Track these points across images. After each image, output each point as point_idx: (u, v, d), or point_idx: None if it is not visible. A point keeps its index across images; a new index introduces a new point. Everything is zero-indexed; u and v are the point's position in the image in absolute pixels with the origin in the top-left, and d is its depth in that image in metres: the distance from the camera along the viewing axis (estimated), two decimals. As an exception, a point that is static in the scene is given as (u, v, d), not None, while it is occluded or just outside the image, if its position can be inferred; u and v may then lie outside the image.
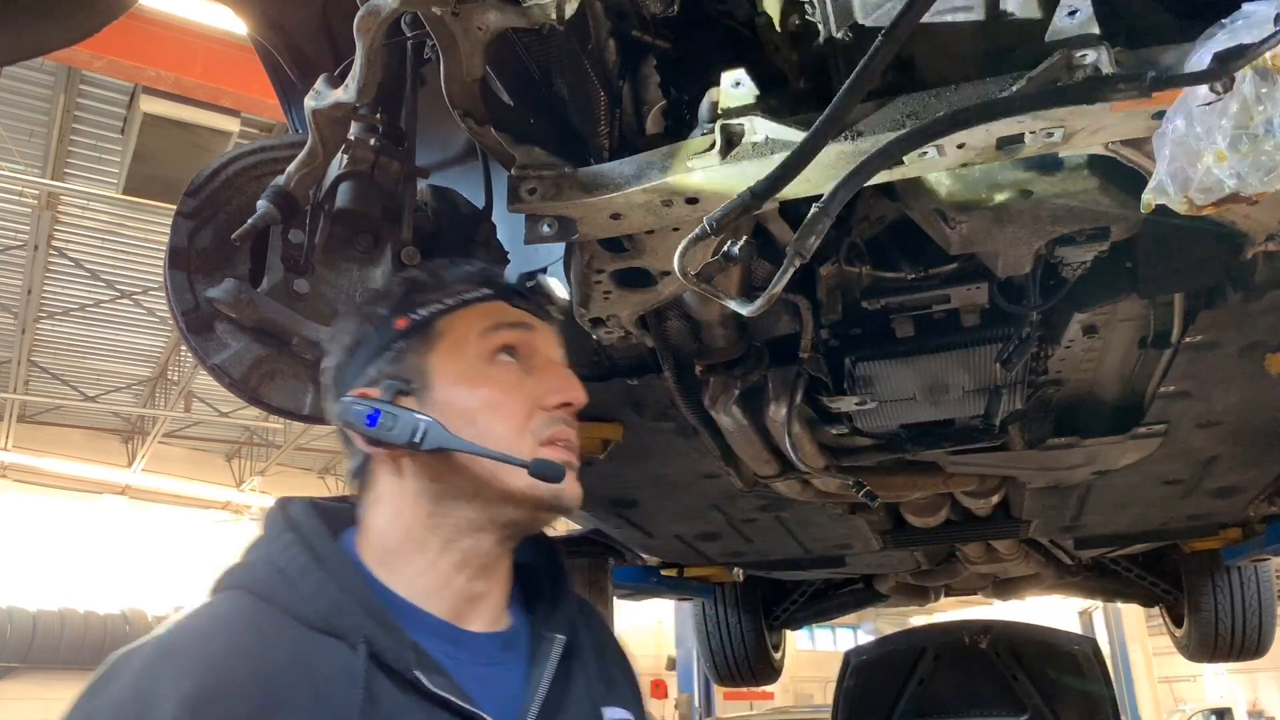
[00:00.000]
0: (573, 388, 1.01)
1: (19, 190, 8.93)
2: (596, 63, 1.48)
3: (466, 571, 0.93)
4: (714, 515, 3.41)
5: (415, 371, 0.94)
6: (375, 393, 0.93)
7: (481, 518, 0.93)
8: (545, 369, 1.00)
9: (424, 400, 0.93)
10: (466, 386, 0.95)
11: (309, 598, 0.85)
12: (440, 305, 0.98)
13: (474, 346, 0.96)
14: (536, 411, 0.97)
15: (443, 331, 0.97)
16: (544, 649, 0.96)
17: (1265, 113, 0.93)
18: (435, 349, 0.96)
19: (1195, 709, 18.32)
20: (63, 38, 1.23)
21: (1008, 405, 2.33)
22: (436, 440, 0.90)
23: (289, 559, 0.87)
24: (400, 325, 0.96)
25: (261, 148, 1.61)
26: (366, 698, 0.80)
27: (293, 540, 0.89)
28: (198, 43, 6.31)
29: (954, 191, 1.42)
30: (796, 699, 19.63)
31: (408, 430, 0.89)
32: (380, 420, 0.90)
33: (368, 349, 0.97)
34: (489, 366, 0.96)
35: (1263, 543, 4.05)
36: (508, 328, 0.99)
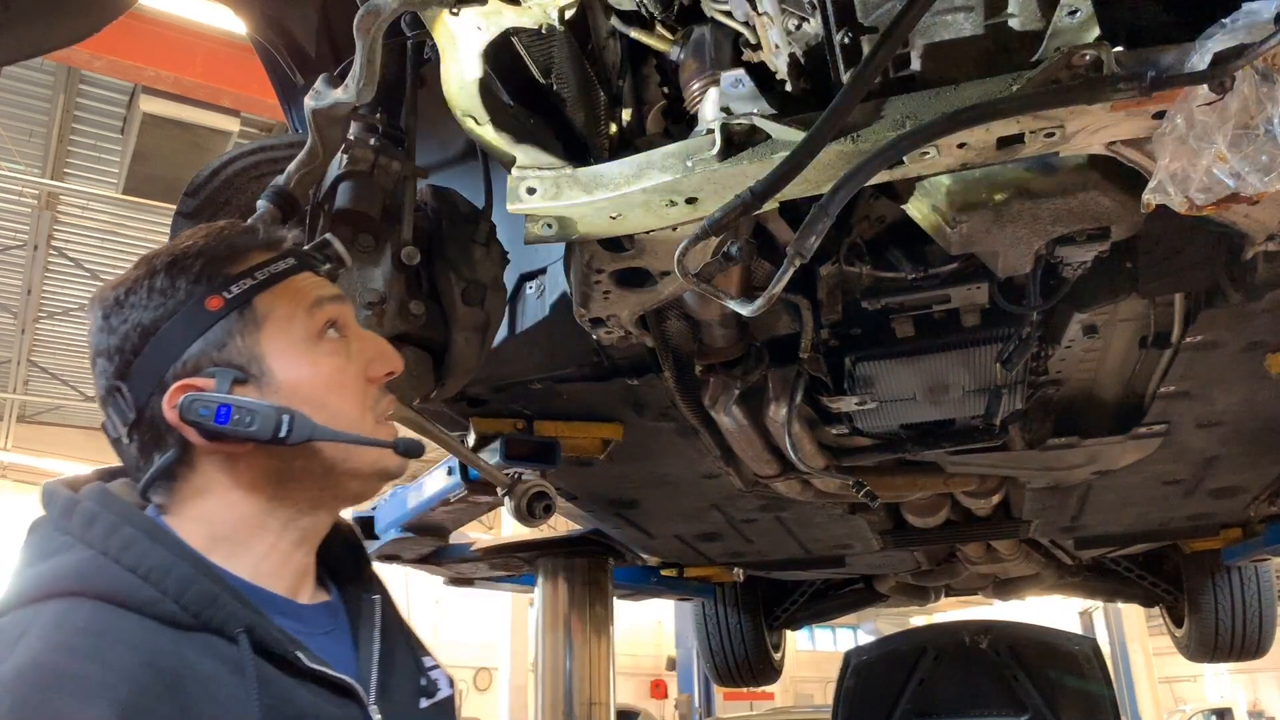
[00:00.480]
0: (392, 355, 0.99)
1: (19, 190, 8.92)
2: (596, 63, 1.48)
3: (304, 548, 0.92)
4: (714, 515, 3.41)
5: (248, 357, 0.88)
6: (204, 383, 0.86)
7: (325, 495, 0.92)
8: (361, 339, 0.97)
9: (264, 388, 0.88)
10: (308, 369, 0.90)
11: (176, 595, 0.79)
12: (254, 280, 0.90)
13: (303, 325, 0.91)
14: (366, 385, 0.95)
15: (265, 311, 0.90)
16: (366, 611, 0.96)
17: (1265, 113, 0.93)
18: (263, 330, 0.89)
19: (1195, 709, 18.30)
20: (63, 38, 1.23)
21: (1008, 405, 2.32)
22: (304, 432, 0.86)
23: (140, 555, 0.80)
24: (214, 305, 0.88)
25: (261, 148, 1.61)
26: (260, 688, 0.78)
27: (136, 534, 0.82)
28: (198, 43, 6.30)
29: (954, 191, 1.42)
30: (796, 699, 19.62)
31: (270, 425, 0.84)
32: (234, 416, 0.84)
33: (175, 332, 0.87)
34: (320, 344, 0.92)
35: (1263, 543, 4.05)
36: (329, 302, 0.94)
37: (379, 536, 3.61)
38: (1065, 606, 14.71)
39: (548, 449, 2.48)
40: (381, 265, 1.53)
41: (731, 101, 1.29)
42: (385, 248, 1.54)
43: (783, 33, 1.26)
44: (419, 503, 3.10)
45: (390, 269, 1.53)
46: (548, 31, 1.34)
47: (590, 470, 2.77)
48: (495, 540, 4.43)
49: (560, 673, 3.99)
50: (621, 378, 2.26)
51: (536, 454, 2.46)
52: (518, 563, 4.33)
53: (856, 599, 5.69)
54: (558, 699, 3.96)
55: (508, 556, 4.25)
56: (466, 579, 4.55)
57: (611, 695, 4.06)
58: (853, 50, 1.18)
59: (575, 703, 3.94)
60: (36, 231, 9.66)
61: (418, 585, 12.81)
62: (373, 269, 1.53)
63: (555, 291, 1.95)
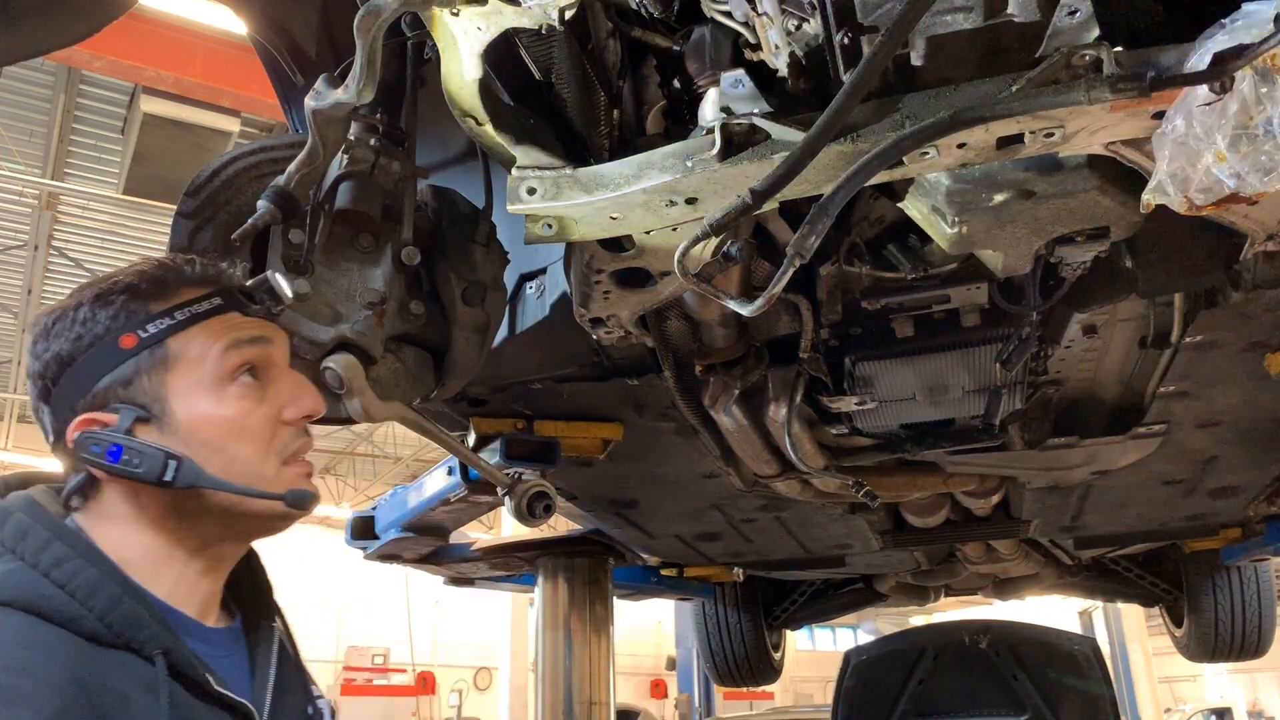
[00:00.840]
0: (311, 398, 0.99)
1: (19, 190, 8.92)
2: (596, 63, 1.48)
3: (211, 575, 0.94)
4: (714, 515, 3.41)
5: (152, 397, 0.89)
6: (108, 418, 0.88)
7: (225, 532, 0.94)
8: (281, 380, 0.98)
9: (164, 428, 0.89)
10: (210, 412, 0.91)
11: (102, 613, 0.81)
12: (171, 321, 0.92)
13: (213, 367, 0.92)
14: (279, 428, 0.95)
15: (177, 352, 0.91)
16: (265, 637, 0.98)
17: (1265, 113, 0.93)
18: (171, 371, 0.91)
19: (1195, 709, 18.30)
20: (63, 38, 1.23)
21: (1008, 405, 2.33)
22: (189, 478, 0.87)
23: (70, 572, 0.82)
24: (127, 344, 0.90)
25: (261, 148, 1.61)
26: (171, 709, 0.80)
27: (67, 551, 0.83)
28: (198, 43, 6.30)
29: (954, 192, 1.42)
30: (796, 699, 19.62)
31: (156, 468, 0.86)
32: (123, 457, 0.86)
33: (88, 366, 0.90)
34: (229, 387, 0.93)
35: (1262, 542, 4.05)
36: (246, 344, 0.95)
37: (379, 536, 3.61)
38: (1065, 606, 14.71)
39: (548, 449, 2.48)
40: (381, 265, 1.53)
41: (731, 101, 1.29)
42: (385, 248, 1.54)
43: (783, 33, 1.26)
44: (419, 503, 3.10)
45: (390, 269, 1.53)
46: (548, 31, 1.34)
47: (590, 470, 2.77)
48: (495, 540, 4.43)
49: (560, 672, 3.99)
50: (621, 378, 2.26)
51: (536, 454, 2.46)
52: (518, 563, 4.33)
53: (856, 599, 5.69)
54: (558, 699, 3.96)
55: (508, 556, 4.25)
56: (466, 579, 4.55)
57: (611, 695, 4.06)
58: (853, 50, 1.18)
59: (575, 702, 3.94)
60: (37, 232, 9.66)
61: (418, 585, 12.81)
62: (373, 269, 1.53)
63: (555, 291, 1.95)
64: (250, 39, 1.98)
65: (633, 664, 19.21)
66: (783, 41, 1.27)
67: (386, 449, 16.23)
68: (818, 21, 1.20)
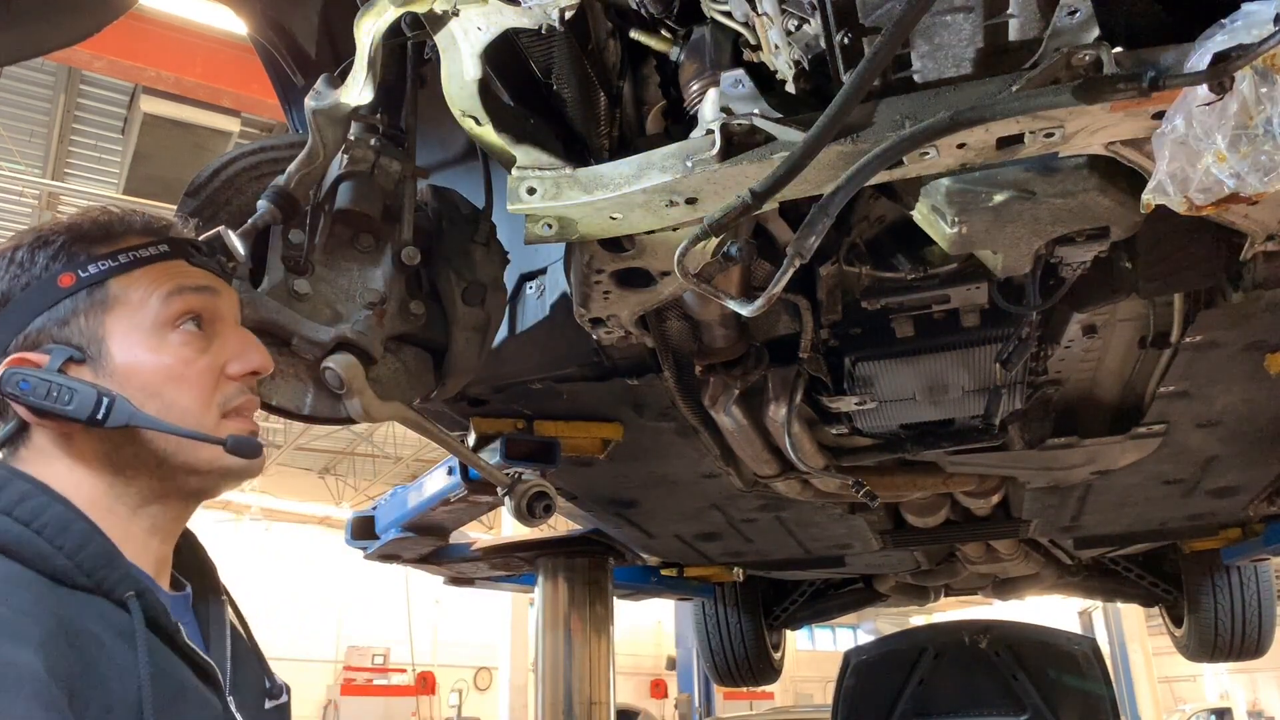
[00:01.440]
0: (258, 354, 0.96)
1: (19, 190, 8.93)
2: (596, 63, 1.48)
3: (158, 537, 0.91)
4: (714, 515, 3.42)
5: (87, 337, 0.87)
6: (39, 358, 0.85)
7: (166, 487, 0.90)
8: (228, 334, 0.95)
9: (99, 370, 0.86)
10: (148, 356, 0.88)
11: (72, 551, 0.78)
12: (114, 263, 0.89)
13: (154, 312, 0.89)
14: (222, 380, 0.92)
15: (118, 294, 0.89)
16: (215, 612, 0.96)
17: (1265, 113, 0.93)
18: (111, 313, 0.88)
19: (1195, 709, 18.32)
20: (63, 38, 1.23)
21: (1007, 405, 2.33)
22: (122, 417, 0.84)
23: (36, 509, 0.79)
24: (65, 282, 0.87)
25: (262, 148, 1.61)
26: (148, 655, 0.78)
27: (31, 489, 0.80)
28: (198, 43, 6.31)
29: (953, 192, 1.42)
30: (796, 699, 19.63)
31: (88, 405, 0.82)
32: (51, 392, 0.82)
33: (23, 305, 0.87)
34: (171, 333, 0.90)
35: (1262, 542, 4.05)
36: (191, 292, 0.92)
37: (379, 536, 3.61)
38: (1065, 606, 14.71)
39: (548, 449, 2.48)
40: (382, 265, 1.54)
41: (731, 102, 1.29)
42: (385, 248, 1.54)
43: (783, 33, 1.26)
44: (419, 503, 3.10)
45: (390, 269, 1.53)
46: (548, 32, 1.34)
47: (590, 470, 2.78)
48: (495, 540, 4.43)
49: (560, 672, 3.99)
50: (621, 378, 2.26)
51: (536, 454, 2.46)
52: (518, 562, 4.33)
53: (856, 599, 5.69)
54: (558, 699, 3.96)
55: (508, 556, 4.25)
56: (466, 579, 4.55)
57: (611, 695, 4.06)
58: (853, 50, 1.18)
59: (575, 702, 3.94)
60: (36, 231, 9.67)
61: (418, 585, 12.82)
62: (373, 269, 1.53)
63: (555, 291, 1.95)
64: (250, 39, 1.98)
65: (633, 664, 19.22)
66: (783, 41, 1.27)
67: (386, 449, 16.23)
68: (818, 22, 1.20)
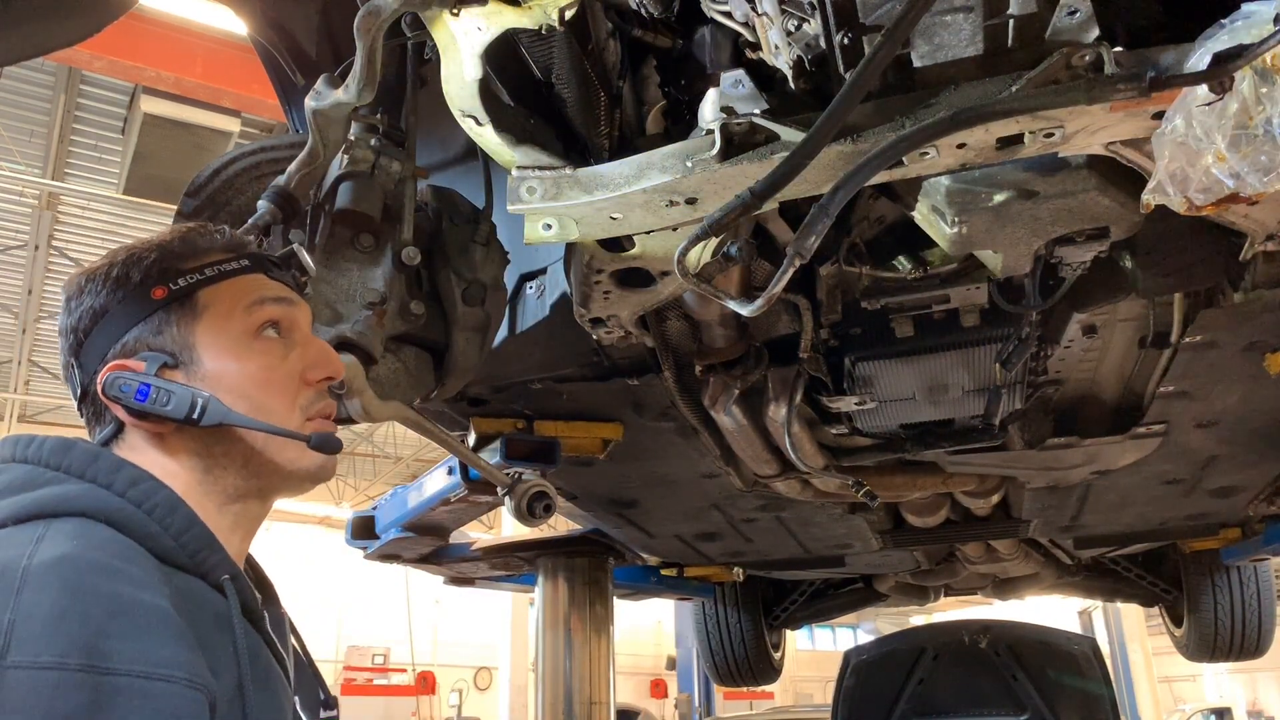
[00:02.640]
0: (334, 362, 1.03)
1: (19, 190, 8.92)
2: (596, 63, 1.48)
3: (239, 534, 0.96)
4: (714, 515, 3.41)
5: (180, 345, 0.93)
6: (136, 365, 0.91)
7: (249, 486, 0.95)
8: (305, 343, 1.01)
9: (191, 374, 0.93)
10: (235, 361, 0.94)
11: (178, 533, 0.84)
12: (200, 276, 0.96)
13: (239, 321, 0.96)
14: (302, 386, 0.99)
15: (206, 304, 0.95)
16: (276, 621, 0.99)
17: (1265, 113, 0.93)
18: (200, 322, 0.95)
19: (1195, 709, 18.30)
20: (63, 38, 1.23)
21: (1007, 405, 2.33)
22: (216, 416, 0.90)
23: (147, 491, 0.84)
24: (158, 295, 0.94)
25: (262, 148, 1.61)
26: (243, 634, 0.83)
27: (142, 473, 0.86)
28: (198, 43, 6.31)
29: (954, 192, 1.42)
30: (796, 699, 19.62)
31: (184, 405, 0.89)
32: (151, 395, 0.89)
33: (120, 317, 0.94)
34: (255, 341, 0.96)
35: (1262, 543, 4.05)
36: (272, 302, 0.99)
37: (379, 536, 3.61)
38: (1065, 606, 14.71)
39: (548, 449, 2.48)
40: (382, 265, 1.53)
41: (732, 101, 1.29)
42: (386, 248, 1.54)
43: (783, 33, 1.26)
44: (419, 502, 3.10)
45: (391, 269, 1.53)
46: (548, 32, 1.34)
47: (590, 470, 2.77)
48: (495, 540, 4.43)
49: (560, 672, 3.99)
50: (621, 378, 2.26)
51: (536, 454, 2.46)
52: (518, 562, 4.33)
53: (856, 599, 5.69)
54: (558, 699, 3.96)
55: (508, 556, 4.25)
56: (467, 579, 4.55)
57: (611, 695, 4.06)
58: (853, 50, 1.18)
59: (575, 702, 3.94)
60: (37, 232, 9.66)
61: (418, 585, 12.81)
62: (373, 269, 1.53)
63: (555, 291, 1.95)
64: (250, 39, 1.98)
65: (633, 664, 19.21)
66: (783, 41, 1.27)
67: (386, 449, 16.23)
68: (818, 21, 1.20)
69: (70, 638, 0.68)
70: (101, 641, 0.69)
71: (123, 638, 0.71)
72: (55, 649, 0.67)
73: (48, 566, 0.72)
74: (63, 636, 0.68)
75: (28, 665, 0.67)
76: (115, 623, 0.71)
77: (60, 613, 0.69)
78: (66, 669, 0.67)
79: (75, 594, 0.71)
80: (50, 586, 0.71)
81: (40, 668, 0.67)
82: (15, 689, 0.66)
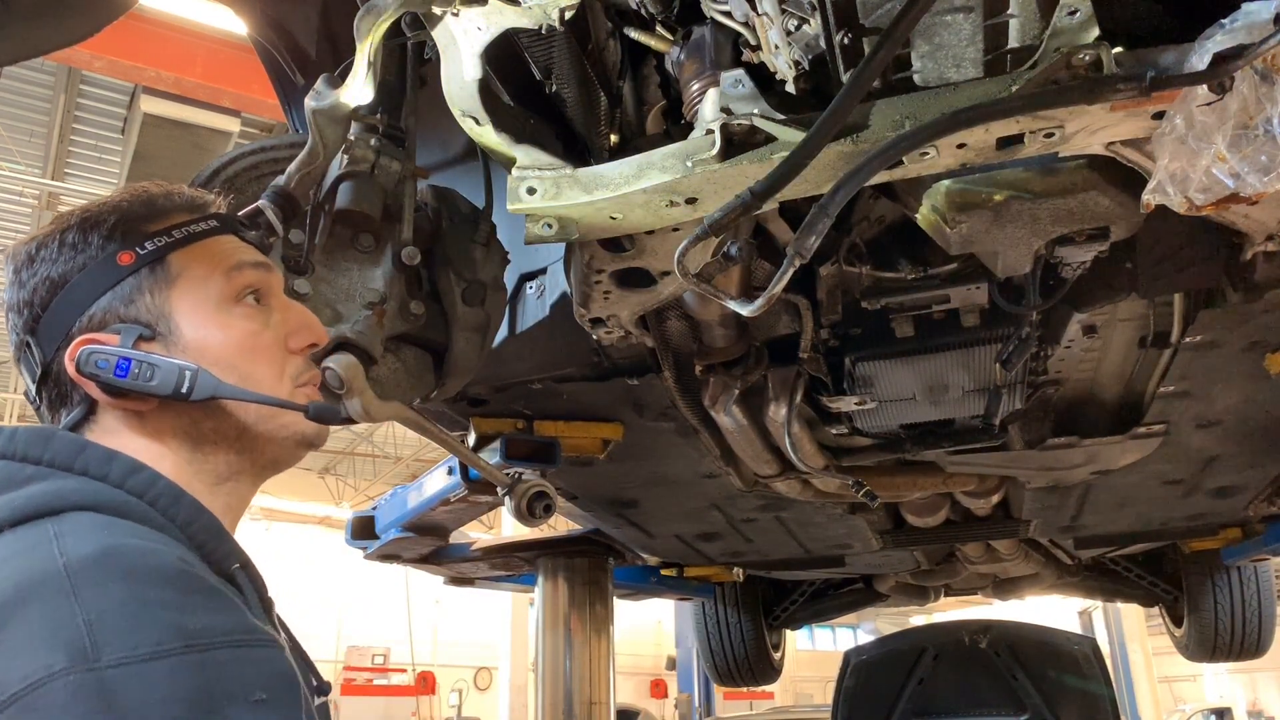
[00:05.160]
0: (316, 327, 0.97)
1: (19, 190, 8.93)
2: (596, 63, 1.48)
3: (230, 515, 0.90)
4: (714, 515, 3.42)
5: (155, 314, 0.86)
6: (108, 338, 0.84)
7: (242, 460, 0.90)
8: (284, 308, 0.96)
9: (170, 346, 0.86)
10: (218, 330, 0.88)
11: (185, 523, 0.79)
12: (170, 238, 0.89)
13: (218, 286, 0.89)
14: (287, 354, 0.93)
15: (180, 270, 0.88)
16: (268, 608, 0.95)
17: (1265, 113, 0.93)
18: (175, 288, 0.87)
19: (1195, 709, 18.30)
20: (63, 38, 1.23)
21: (1008, 405, 2.33)
22: (207, 389, 0.84)
23: (146, 481, 0.79)
24: (125, 260, 0.86)
25: (262, 148, 1.61)
26: None
27: (136, 462, 0.80)
28: (198, 43, 6.31)
29: (953, 192, 1.42)
30: (796, 699, 19.62)
31: (171, 379, 0.82)
32: (133, 370, 0.81)
33: (83, 286, 0.85)
34: (236, 307, 0.90)
35: (1262, 542, 4.05)
36: (250, 267, 0.92)
37: (379, 536, 3.61)
38: (1065, 606, 14.71)
39: (548, 449, 2.48)
40: (382, 265, 1.54)
41: (731, 102, 1.29)
42: (386, 248, 1.54)
43: (783, 33, 1.26)
44: (419, 502, 3.10)
45: (391, 269, 1.53)
46: (548, 32, 1.34)
47: (590, 470, 2.77)
48: (495, 540, 4.43)
49: (560, 672, 3.99)
50: (621, 378, 2.26)
51: (536, 454, 2.46)
52: (518, 562, 4.33)
53: (856, 599, 5.69)
54: (558, 699, 3.96)
55: (508, 556, 4.25)
56: (467, 579, 4.55)
57: (611, 695, 4.06)
58: (853, 50, 1.18)
59: (575, 702, 3.94)
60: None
61: (418, 585, 12.82)
62: (373, 269, 1.53)
63: (555, 291, 1.95)
64: (250, 39, 1.98)
65: (633, 664, 19.21)
66: (783, 41, 1.27)
67: (386, 449, 16.23)
68: (818, 22, 1.20)
69: (158, 623, 0.64)
70: (188, 620, 0.66)
71: (205, 612, 0.67)
72: (149, 638, 0.63)
73: (93, 561, 0.67)
74: (150, 624, 0.64)
75: (127, 661, 0.62)
76: (191, 600, 0.68)
77: (136, 603, 0.65)
78: (170, 654, 0.63)
79: (140, 582, 0.67)
80: (109, 580, 0.66)
81: (142, 660, 0.62)
82: (125, 688, 0.61)
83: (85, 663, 0.61)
